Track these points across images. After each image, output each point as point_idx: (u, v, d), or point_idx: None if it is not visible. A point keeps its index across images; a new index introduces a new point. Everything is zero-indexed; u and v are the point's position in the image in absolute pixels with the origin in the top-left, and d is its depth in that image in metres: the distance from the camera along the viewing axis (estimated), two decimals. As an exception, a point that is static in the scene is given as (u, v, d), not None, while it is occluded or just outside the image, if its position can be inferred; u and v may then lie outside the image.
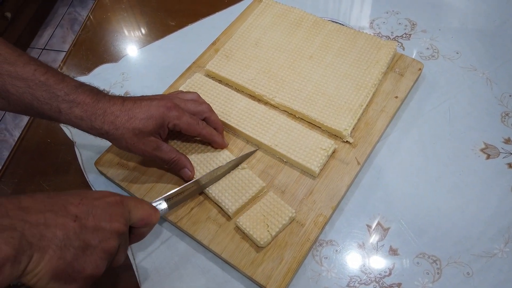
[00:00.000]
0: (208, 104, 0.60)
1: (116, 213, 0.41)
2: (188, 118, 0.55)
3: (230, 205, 0.54)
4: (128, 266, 0.54)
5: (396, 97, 0.65)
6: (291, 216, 0.53)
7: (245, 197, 0.54)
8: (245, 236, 0.53)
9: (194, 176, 0.57)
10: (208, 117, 0.58)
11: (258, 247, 0.52)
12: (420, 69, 0.67)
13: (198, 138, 0.61)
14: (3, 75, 0.48)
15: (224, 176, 0.57)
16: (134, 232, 0.46)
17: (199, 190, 0.57)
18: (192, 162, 0.58)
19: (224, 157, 0.59)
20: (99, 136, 0.53)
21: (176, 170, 0.57)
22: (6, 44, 0.50)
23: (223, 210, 0.55)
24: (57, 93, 0.49)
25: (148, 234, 0.48)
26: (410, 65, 0.68)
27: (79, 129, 0.52)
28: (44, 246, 0.35)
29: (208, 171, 0.57)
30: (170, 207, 0.52)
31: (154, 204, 0.49)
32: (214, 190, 0.55)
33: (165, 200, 0.51)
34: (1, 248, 0.33)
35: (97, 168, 0.61)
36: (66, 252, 0.37)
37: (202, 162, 0.59)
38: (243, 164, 0.58)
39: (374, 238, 0.55)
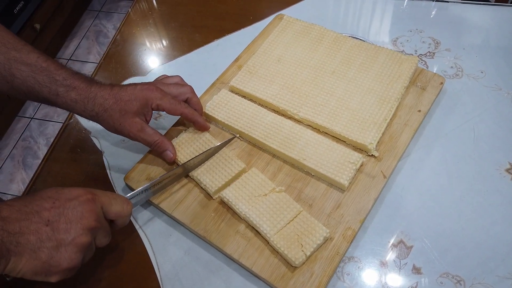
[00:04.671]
0: (190, 86, 0.64)
1: (87, 210, 0.46)
2: (170, 98, 0.59)
3: (269, 230, 0.54)
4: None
5: (419, 111, 0.65)
6: (326, 236, 0.53)
7: (283, 222, 0.54)
8: (274, 251, 0.54)
9: (177, 159, 0.62)
10: (190, 98, 0.63)
11: (287, 262, 0.53)
12: (441, 83, 0.68)
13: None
14: (11, 60, 0.55)
15: (207, 159, 0.61)
16: (115, 222, 0.52)
17: (184, 174, 0.61)
18: (176, 145, 0.62)
19: (205, 140, 0.63)
20: (91, 119, 0.58)
21: (159, 152, 0.61)
22: (12, 35, 0.57)
23: (260, 234, 0.55)
24: (56, 78, 0.56)
25: (173, 247, 0.51)
26: (431, 79, 0.69)
27: (73, 112, 0.59)
28: (20, 251, 0.42)
29: (190, 153, 0.61)
30: (155, 192, 0.58)
31: (129, 196, 0.55)
32: (251, 215, 0.55)
33: (145, 190, 0.56)
34: None
35: (126, 184, 0.62)
36: (40, 253, 0.42)
37: (185, 145, 0.63)
38: (280, 187, 0.58)
39: (397, 256, 0.55)
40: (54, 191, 0.46)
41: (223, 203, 0.58)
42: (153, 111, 0.61)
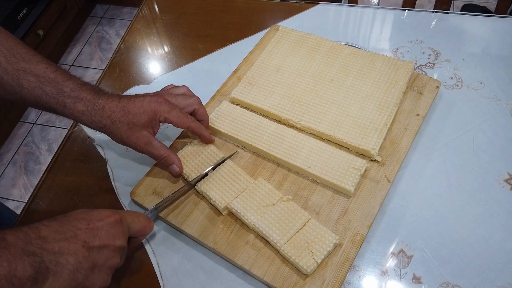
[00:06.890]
0: (198, 97, 0.64)
1: (117, 232, 0.47)
2: (178, 112, 0.60)
3: (279, 239, 0.54)
4: None
5: (418, 114, 0.67)
6: (335, 242, 0.54)
7: (293, 230, 0.55)
8: (285, 260, 0.54)
9: (183, 172, 0.62)
10: (197, 109, 0.63)
11: (298, 270, 0.53)
12: (437, 86, 0.69)
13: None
14: (19, 71, 0.56)
15: (212, 171, 0.62)
16: (132, 241, 0.53)
17: (192, 188, 0.61)
18: (181, 158, 0.63)
19: (210, 152, 0.64)
20: (98, 130, 0.58)
21: (165, 165, 0.62)
22: (23, 45, 0.58)
23: (270, 243, 0.55)
24: (64, 89, 0.56)
25: (176, 254, 0.51)
26: (427, 83, 0.70)
27: (80, 123, 0.59)
28: (59, 271, 0.42)
29: (195, 165, 0.63)
30: (163, 208, 0.59)
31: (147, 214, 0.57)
32: (260, 225, 0.55)
33: (157, 208, 0.58)
34: (26, 269, 0.39)
35: (132, 199, 0.63)
36: (77, 275, 0.43)
37: (190, 157, 0.64)
38: (288, 196, 0.58)
39: (397, 266, 0.55)
40: (83, 213, 0.47)
41: (231, 214, 0.59)
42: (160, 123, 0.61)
